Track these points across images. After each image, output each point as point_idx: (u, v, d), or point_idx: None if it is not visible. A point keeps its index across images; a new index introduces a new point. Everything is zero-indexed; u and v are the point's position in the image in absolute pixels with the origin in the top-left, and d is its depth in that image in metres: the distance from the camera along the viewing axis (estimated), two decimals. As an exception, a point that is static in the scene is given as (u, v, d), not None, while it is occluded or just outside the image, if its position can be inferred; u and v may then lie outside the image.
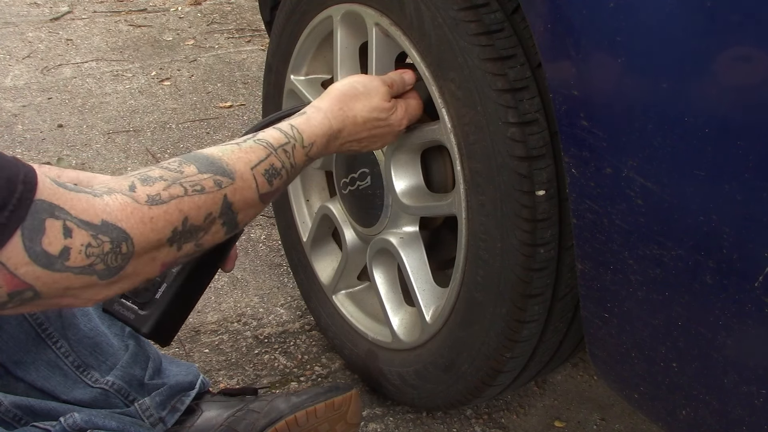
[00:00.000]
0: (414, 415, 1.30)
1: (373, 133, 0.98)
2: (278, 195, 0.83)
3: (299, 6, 1.25)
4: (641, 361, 0.79)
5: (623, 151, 0.70)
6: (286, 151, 0.82)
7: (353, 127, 0.94)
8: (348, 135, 0.94)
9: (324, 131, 0.90)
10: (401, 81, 1.03)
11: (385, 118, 0.98)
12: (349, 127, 0.94)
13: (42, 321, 0.98)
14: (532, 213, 0.88)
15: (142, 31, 3.26)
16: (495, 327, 0.98)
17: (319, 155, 0.90)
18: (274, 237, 1.82)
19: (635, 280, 0.74)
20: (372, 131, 0.97)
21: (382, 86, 0.98)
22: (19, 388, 0.98)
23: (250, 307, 1.58)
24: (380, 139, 1.00)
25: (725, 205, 0.64)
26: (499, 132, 0.88)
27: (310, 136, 0.87)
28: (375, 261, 1.22)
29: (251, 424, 1.07)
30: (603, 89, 0.70)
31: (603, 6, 0.68)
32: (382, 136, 1.00)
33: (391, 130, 1.00)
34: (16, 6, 3.56)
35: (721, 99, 0.62)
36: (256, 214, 0.79)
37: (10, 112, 2.45)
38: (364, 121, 0.95)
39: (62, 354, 1.00)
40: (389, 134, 1.01)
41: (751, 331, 0.66)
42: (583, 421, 1.30)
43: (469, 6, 0.88)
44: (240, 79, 2.78)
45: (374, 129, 0.97)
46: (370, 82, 0.98)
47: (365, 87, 0.96)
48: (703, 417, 0.75)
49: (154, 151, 2.22)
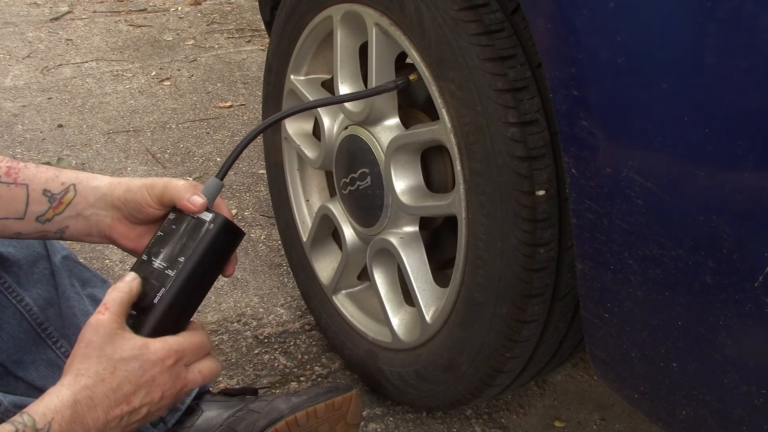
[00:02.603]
0: (414, 415, 1.30)
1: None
2: None
3: (299, 6, 1.25)
4: (641, 361, 0.79)
5: (623, 151, 0.70)
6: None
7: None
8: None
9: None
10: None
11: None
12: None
13: (42, 321, 0.98)
14: (532, 213, 0.88)
15: (142, 31, 3.26)
16: (495, 327, 0.98)
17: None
18: (274, 237, 1.82)
19: (635, 280, 0.74)
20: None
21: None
22: (19, 388, 0.98)
23: (250, 307, 1.58)
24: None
25: (725, 205, 0.64)
26: (499, 132, 0.88)
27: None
28: (375, 261, 1.22)
29: (251, 424, 1.07)
30: (603, 89, 0.70)
31: (603, 6, 0.68)
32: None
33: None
34: (16, 6, 3.56)
35: (721, 99, 0.62)
36: None
37: (10, 112, 2.45)
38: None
39: (62, 354, 1.00)
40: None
41: (751, 331, 0.66)
42: (583, 421, 1.30)
43: (469, 6, 0.88)
44: (240, 79, 2.78)
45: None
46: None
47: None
48: (703, 417, 0.75)
49: (154, 151, 2.22)
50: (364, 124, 1.16)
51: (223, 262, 0.87)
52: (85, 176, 0.89)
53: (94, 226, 0.88)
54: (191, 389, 0.82)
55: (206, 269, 0.84)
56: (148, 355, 0.77)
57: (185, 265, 0.82)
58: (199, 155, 2.21)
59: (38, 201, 0.86)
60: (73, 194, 0.87)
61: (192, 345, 0.81)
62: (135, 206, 0.86)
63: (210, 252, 0.83)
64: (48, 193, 0.86)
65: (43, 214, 0.86)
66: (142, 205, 0.86)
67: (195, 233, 0.83)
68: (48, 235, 0.88)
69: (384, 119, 1.14)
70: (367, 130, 1.15)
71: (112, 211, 0.88)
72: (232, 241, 0.87)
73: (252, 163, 2.18)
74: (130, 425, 0.77)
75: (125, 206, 0.87)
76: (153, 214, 0.87)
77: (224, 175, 0.87)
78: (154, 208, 0.86)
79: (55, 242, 1.02)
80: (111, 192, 0.87)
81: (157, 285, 0.82)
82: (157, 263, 0.83)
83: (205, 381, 0.82)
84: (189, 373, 0.81)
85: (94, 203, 0.87)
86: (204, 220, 0.83)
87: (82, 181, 0.88)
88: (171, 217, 0.85)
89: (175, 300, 0.82)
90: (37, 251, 0.99)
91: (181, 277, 0.82)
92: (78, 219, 0.87)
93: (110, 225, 0.88)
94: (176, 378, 0.79)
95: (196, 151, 2.24)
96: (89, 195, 0.87)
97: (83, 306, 1.04)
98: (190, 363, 0.81)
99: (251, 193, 2.02)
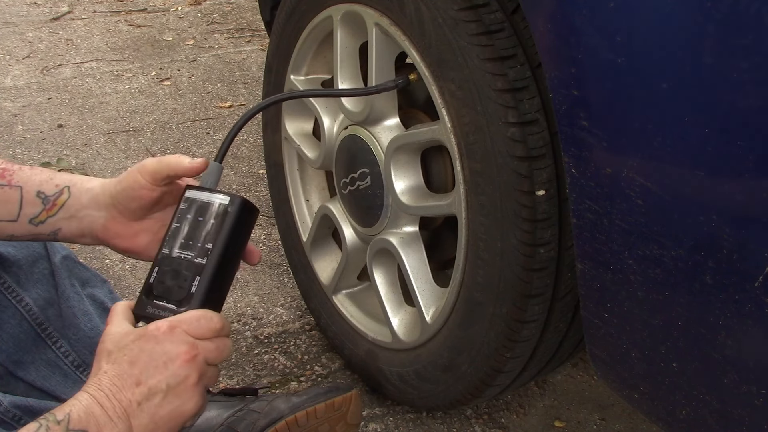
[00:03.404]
0: (414, 415, 1.30)
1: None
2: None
3: (299, 6, 1.25)
4: (641, 361, 0.79)
5: (623, 151, 0.70)
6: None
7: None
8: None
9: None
10: None
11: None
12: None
13: (42, 321, 0.98)
14: (532, 213, 0.88)
15: (142, 31, 3.26)
16: (495, 327, 0.98)
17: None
18: (274, 237, 1.82)
19: (635, 280, 0.74)
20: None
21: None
22: (19, 388, 0.98)
23: (250, 307, 1.58)
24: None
25: (725, 205, 0.64)
26: (499, 132, 0.88)
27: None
28: (375, 261, 1.22)
29: (251, 424, 1.07)
30: (603, 89, 0.70)
31: (603, 6, 0.68)
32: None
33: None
34: (16, 6, 3.56)
35: (721, 99, 0.62)
36: None
37: (10, 112, 2.45)
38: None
39: (62, 354, 1.00)
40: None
41: (751, 331, 0.66)
42: (583, 421, 1.30)
43: (469, 6, 0.88)
44: (240, 79, 2.78)
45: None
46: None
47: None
48: (703, 417, 0.75)
49: (154, 151, 2.22)
50: (364, 124, 1.16)
51: (246, 241, 0.87)
52: (79, 179, 0.89)
53: (86, 227, 0.88)
54: (210, 358, 0.77)
55: (234, 251, 0.85)
56: (146, 334, 0.75)
57: (214, 250, 0.82)
58: (199, 155, 2.20)
59: (32, 203, 0.85)
60: (68, 196, 0.87)
61: (189, 316, 0.78)
62: (129, 193, 0.85)
63: (235, 233, 0.83)
64: (42, 195, 0.86)
65: (36, 216, 0.86)
66: (135, 189, 0.85)
67: (216, 217, 0.83)
68: (41, 237, 0.88)
69: (384, 119, 1.14)
70: (367, 130, 1.15)
71: (105, 210, 0.87)
72: (251, 219, 0.87)
73: (252, 163, 2.18)
74: (161, 408, 0.73)
75: (119, 197, 0.86)
76: (148, 196, 0.86)
77: (222, 157, 0.88)
78: (148, 189, 0.85)
79: (54, 242, 1.02)
80: (104, 191, 0.87)
81: (189, 275, 0.81)
82: (183, 254, 0.82)
83: (219, 352, 0.79)
84: (200, 344, 0.77)
85: (87, 204, 0.87)
86: (222, 203, 0.83)
87: (77, 184, 0.88)
88: (183, 206, 0.84)
89: (212, 285, 0.82)
90: (36, 251, 0.99)
91: (213, 263, 0.82)
92: (71, 221, 0.87)
93: (103, 225, 0.88)
94: (182, 343, 0.75)
95: (196, 151, 2.24)
96: (83, 196, 0.87)
97: (83, 306, 1.04)
98: (192, 332, 0.77)
99: (251, 193, 2.02)
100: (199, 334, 0.77)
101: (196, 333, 0.77)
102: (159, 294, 0.82)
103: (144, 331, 0.76)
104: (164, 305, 0.81)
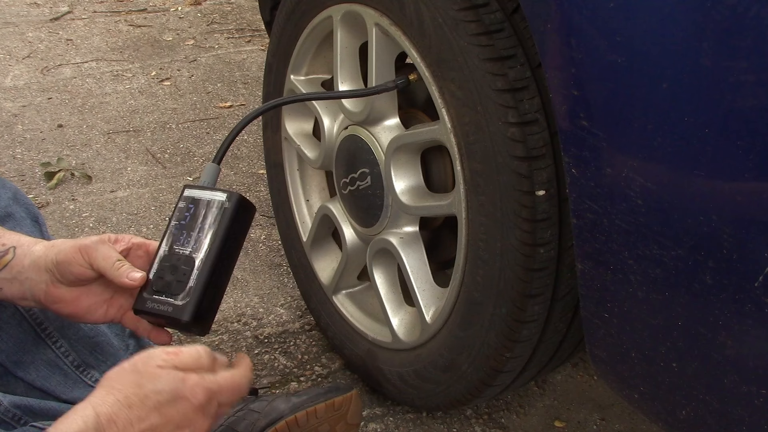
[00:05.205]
0: (414, 415, 1.30)
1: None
2: None
3: (299, 6, 1.25)
4: (641, 361, 0.79)
5: (623, 151, 0.70)
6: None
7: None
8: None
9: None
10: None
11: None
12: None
13: (42, 320, 0.98)
14: (532, 213, 0.88)
15: (142, 31, 3.26)
16: (495, 327, 0.98)
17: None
18: (274, 237, 1.82)
19: (635, 280, 0.74)
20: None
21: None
22: (19, 387, 0.98)
23: (250, 307, 1.58)
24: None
25: (725, 205, 0.64)
26: (499, 132, 0.88)
27: None
28: (375, 261, 1.22)
29: (251, 424, 1.07)
30: (603, 89, 0.70)
31: (603, 6, 0.68)
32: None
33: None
34: (16, 6, 3.56)
35: (720, 99, 0.62)
36: None
37: (10, 112, 2.45)
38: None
39: (62, 353, 1.00)
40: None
41: (751, 331, 0.66)
42: (583, 421, 1.30)
43: (469, 6, 0.88)
44: (240, 79, 2.78)
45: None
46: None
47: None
48: (703, 417, 0.75)
49: (154, 151, 2.22)
50: (364, 124, 1.16)
51: (243, 237, 0.89)
52: (27, 240, 0.88)
53: (28, 290, 0.87)
54: (216, 426, 0.79)
55: (232, 246, 0.87)
56: (183, 391, 0.72)
57: (212, 245, 0.84)
58: (199, 155, 2.21)
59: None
60: (12, 256, 0.86)
61: (231, 385, 0.76)
62: (66, 267, 0.85)
63: (233, 228, 0.86)
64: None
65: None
66: (73, 265, 0.84)
67: (214, 213, 0.85)
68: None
69: (384, 119, 1.14)
70: (367, 130, 1.15)
71: (45, 275, 0.86)
72: (249, 216, 0.89)
73: (252, 163, 2.18)
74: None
75: (57, 268, 0.85)
76: (83, 274, 0.85)
77: (221, 159, 0.90)
78: (85, 268, 0.85)
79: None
80: (45, 255, 0.86)
81: (188, 269, 0.84)
82: (181, 249, 0.85)
83: (231, 406, 0.79)
84: (220, 410, 0.76)
85: (28, 267, 0.86)
86: (219, 200, 0.85)
87: (23, 245, 0.87)
88: (181, 205, 0.87)
89: (210, 280, 0.84)
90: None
91: (211, 257, 0.84)
92: (13, 282, 0.86)
93: (45, 291, 0.86)
94: (206, 417, 0.74)
95: (196, 151, 2.24)
96: (25, 259, 0.86)
97: (83, 306, 1.04)
98: (224, 403, 0.76)
99: (251, 193, 2.02)
100: (230, 403, 0.77)
101: (227, 402, 0.77)
102: (158, 289, 0.84)
103: (186, 389, 0.72)
104: (164, 299, 0.83)
